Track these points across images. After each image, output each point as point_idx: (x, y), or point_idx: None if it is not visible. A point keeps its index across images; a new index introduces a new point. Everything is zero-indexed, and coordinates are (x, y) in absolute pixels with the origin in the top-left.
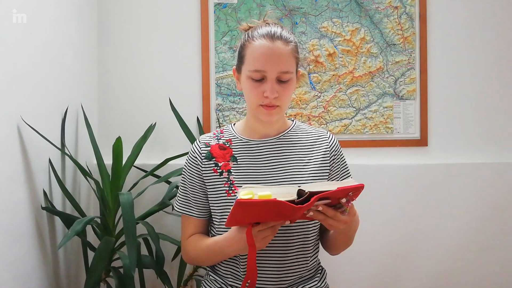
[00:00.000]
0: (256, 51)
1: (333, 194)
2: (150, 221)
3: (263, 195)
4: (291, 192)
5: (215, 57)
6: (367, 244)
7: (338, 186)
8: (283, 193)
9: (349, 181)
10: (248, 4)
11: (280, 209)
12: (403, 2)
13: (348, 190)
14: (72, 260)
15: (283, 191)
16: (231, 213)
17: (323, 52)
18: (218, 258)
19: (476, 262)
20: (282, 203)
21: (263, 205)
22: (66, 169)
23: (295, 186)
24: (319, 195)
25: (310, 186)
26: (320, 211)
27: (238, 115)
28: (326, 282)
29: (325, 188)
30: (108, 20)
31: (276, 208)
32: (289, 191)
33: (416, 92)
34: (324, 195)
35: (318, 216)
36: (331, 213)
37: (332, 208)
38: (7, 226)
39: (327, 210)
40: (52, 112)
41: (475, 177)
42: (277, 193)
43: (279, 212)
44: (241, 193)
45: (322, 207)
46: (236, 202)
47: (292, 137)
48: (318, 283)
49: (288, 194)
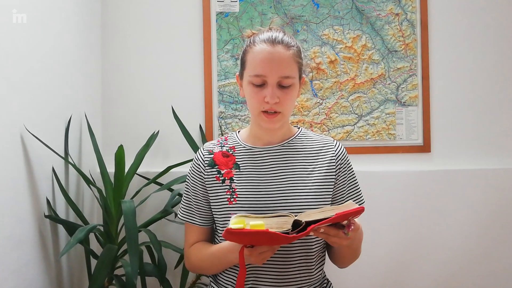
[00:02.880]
0: (257, 55)
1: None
2: (153, 229)
3: (255, 225)
4: (286, 222)
5: (217, 65)
6: (370, 250)
7: (336, 212)
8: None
9: (348, 205)
10: (250, 12)
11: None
12: (404, 9)
13: (348, 215)
14: (75, 268)
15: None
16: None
17: (325, 59)
18: (221, 265)
19: (479, 268)
20: (274, 234)
21: (254, 235)
22: (69, 177)
23: (291, 216)
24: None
25: (307, 214)
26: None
27: (241, 123)
28: None
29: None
30: (111, 29)
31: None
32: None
33: (418, 98)
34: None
35: (320, 235)
36: (333, 232)
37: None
38: (10, 234)
39: (329, 230)
40: (55, 121)
41: (478, 183)
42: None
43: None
44: (232, 221)
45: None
46: (226, 231)
47: (297, 145)
48: None
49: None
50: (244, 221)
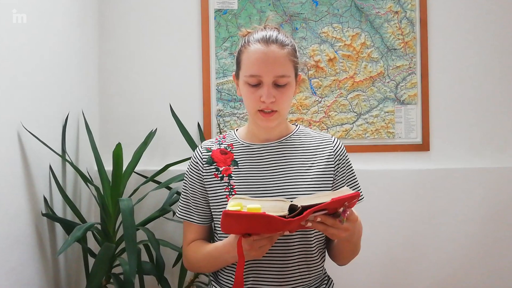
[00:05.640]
0: (251, 56)
1: (327, 206)
2: (151, 227)
3: (252, 208)
4: (282, 207)
5: (215, 63)
6: (369, 249)
7: (332, 197)
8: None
9: (343, 190)
10: (249, 10)
11: (270, 222)
12: (404, 7)
13: (343, 200)
14: (72, 266)
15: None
16: (221, 222)
17: (324, 57)
18: (218, 264)
19: (479, 267)
20: (271, 217)
21: (251, 218)
22: (66, 176)
23: (287, 201)
24: (312, 209)
25: (303, 199)
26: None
27: (239, 121)
28: None
29: (319, 201)
30: (109, 27)
31: (265, 222)
32: (281, 206)
33: (418, 97)
34: (317, 208)
35: (318, 226)
36: (330, 222)
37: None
38: (7, 233)
39: (326, 219)
40: (52, 119)
41: (477, 181)
42: (267, 207)
43: (269, 225)
44: (230, 203)
45: (321, 217)
46: (223, 213)
47: (295, 141)
48: None
49: (280, 209)
50: (241, 204)
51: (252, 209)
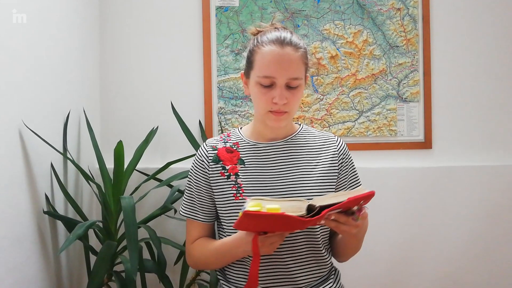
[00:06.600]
0: (266, 57)
1: (343, 206)
2: (152, 225)
3: (271, 208)
4: (300, 207)
5: (216, 61)
6: (371, 247)
7: (348, 197)
8: (293, 207)
9: (359, 190)
10: (250, 7)
11: (289, 222)
12: (406, 4)
13: (359, 199)
14: (74, 264)
15: (292, 205)
16: (239, 221)
17: (326, 55)
18: (226, 259)
19: (480, 264)
20: (291, 217)
21: (271, 218)
22: (68, 173)
23: (305, 201)
24: (330, 209)
25: (320, 199)
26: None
27: (241, 118)
28: (340, 283)
29: (336, 200)
30: (110, 24)
31: (284, 221)
32: (299, 206)
33: (420, 94)
34: (334, 208)
35: (330, 223)
36: (343, 219)
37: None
38: (9, 231)
39: (339, 217)
40: (54, 117)
41: (479, 179)
42: (286, 207)
43: (287, 224)
44: (249, 204)
45: (334, 215)
46: (243, 214)
47: (300, 140)
48: (333, 284)
49: (298, 209)
50: (261, 204)
51: (271, 209)
